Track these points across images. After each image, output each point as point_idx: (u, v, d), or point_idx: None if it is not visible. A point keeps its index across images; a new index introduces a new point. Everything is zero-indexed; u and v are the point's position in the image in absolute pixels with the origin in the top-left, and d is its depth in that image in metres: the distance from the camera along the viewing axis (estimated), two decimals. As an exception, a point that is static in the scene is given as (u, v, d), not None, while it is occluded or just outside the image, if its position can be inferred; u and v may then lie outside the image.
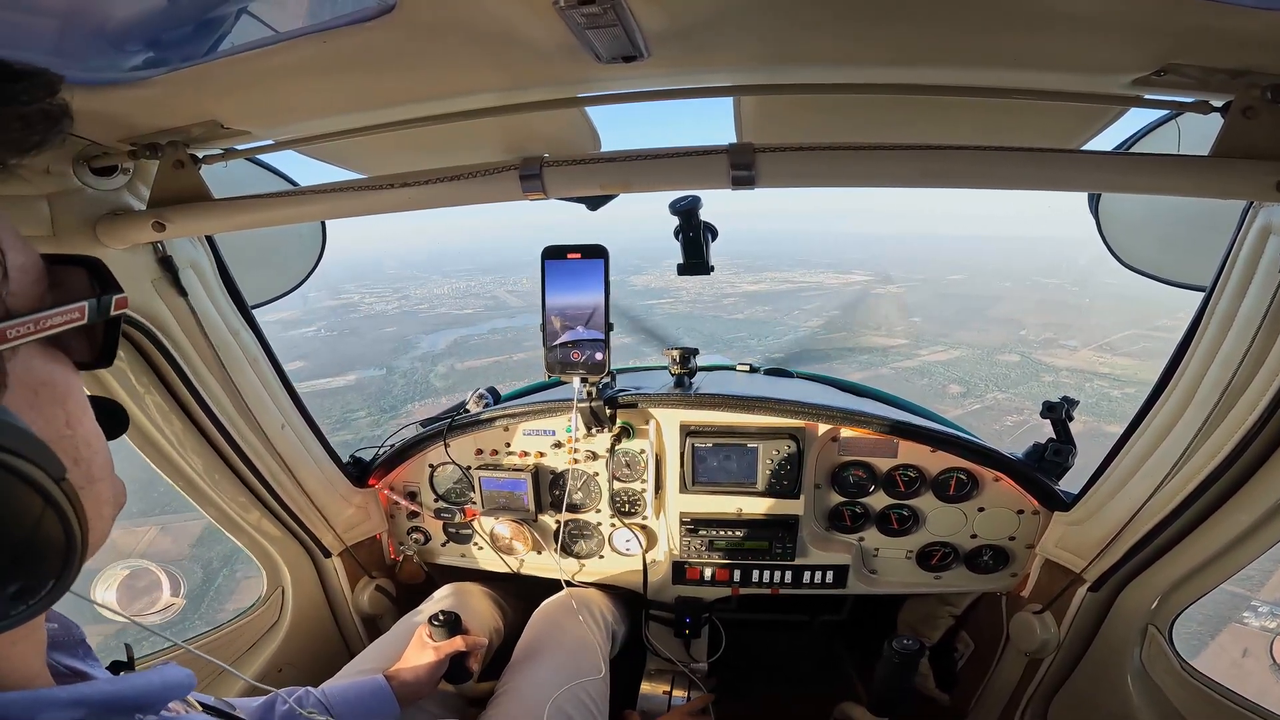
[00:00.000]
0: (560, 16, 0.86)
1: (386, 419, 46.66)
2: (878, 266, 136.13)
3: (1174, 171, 1.07)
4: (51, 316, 0.55)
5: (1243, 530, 1.52)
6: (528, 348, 67.15)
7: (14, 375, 0.51)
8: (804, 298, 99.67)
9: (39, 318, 0.53)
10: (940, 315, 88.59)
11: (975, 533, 2.16)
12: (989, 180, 1.13)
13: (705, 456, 2.16)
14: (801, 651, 3.11)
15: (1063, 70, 1.08)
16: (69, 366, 0.60)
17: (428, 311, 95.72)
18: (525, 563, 2.41)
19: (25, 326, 0.52)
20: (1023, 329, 76.78)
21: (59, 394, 0.57)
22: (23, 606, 0.49)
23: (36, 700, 0.52)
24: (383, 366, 62.60)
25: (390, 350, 68.86)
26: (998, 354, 63.39)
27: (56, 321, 0.55)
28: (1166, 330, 51.67)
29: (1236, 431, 1.40)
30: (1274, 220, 1.27)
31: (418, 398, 51.95)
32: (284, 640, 2.22)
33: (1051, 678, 2.08)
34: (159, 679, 0.64)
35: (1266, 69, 0.96)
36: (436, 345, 72.16)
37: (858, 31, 1.00)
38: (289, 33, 0.91)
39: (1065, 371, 55.36)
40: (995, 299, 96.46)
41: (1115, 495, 1.80)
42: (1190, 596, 1.71)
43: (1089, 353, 58.27)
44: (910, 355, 64.44)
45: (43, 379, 0.56)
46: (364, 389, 55.09)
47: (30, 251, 0.56)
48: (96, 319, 0.60)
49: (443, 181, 1.29)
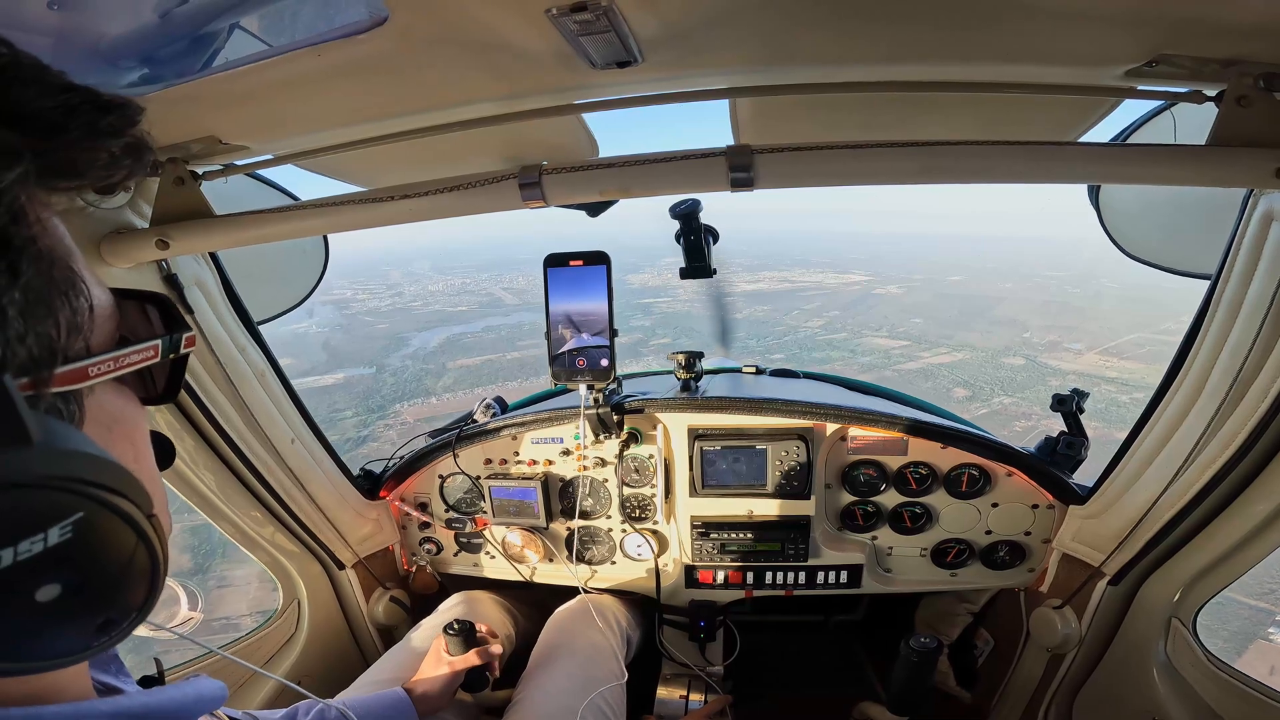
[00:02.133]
0: (553, 24, 0.86)
1: (374, 419, 46.12)
2: (876, 266, 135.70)
3: (1172, 161, 1.07)
4: (129, 354, 0.55)
5: (1262, 520, 1.50)
6: (522, 346, 66.21)
7: (90, 411, 0.52)
8: (803, 297, 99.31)
9: (118, 355, 0.54)
10: (942, 316, 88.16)
11: (990, 528, 2.14)
12: (987, 175, 1.12)
13: (714, 459, 2.15)
14: (818, 652, 3.09)
15: (1056, 63, 1.08)
16: (136, 402, 0.61)
17: (422, 308, 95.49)
18: (537, 571, 2.41)
19: (106, 364, 0.52)
20: (1026, 331, 76.25)
21: (128, 429, 0.58)
22: (105, 637, 0.49)
23: (78, 713, 0.53)
24: (373, 364, 62.09)
25: (381, 348, 68.54)
26: (1002, 357, 62.93)
27: (133, 360, 0.56)
28: (1172, 334, 51.61)
29: (1249, 420, 1.38)
30: (1275, 207, 1.26)
31: (407, 398, 51.54)
32: (302, 652, 2.23)
33: (1075, 673, 2.05)
34: (193, 691, 0.65)
35: (1257, 57, 0.96)
36: (429, 343, 71.68)
37: (851, 30, 1.00)
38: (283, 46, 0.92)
39: (1072, 375, 54.69)
40: (997, 300, 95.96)
41: (1131, 487, 1.78)
42: (1213, 588, 1.68)
43: (1095, 356, 57.91)
44: (913, 357, 64.10)
45: (115, 414, 0.56)
46: (352, 388, 54.63)
47: (105, 289, 0.56)
48: (167, 356, 0.61)
49: (442, 192, 1.30)
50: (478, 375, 60.12)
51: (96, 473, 0.45)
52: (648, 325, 77.13)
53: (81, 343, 0.51)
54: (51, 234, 0.49)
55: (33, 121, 0.47)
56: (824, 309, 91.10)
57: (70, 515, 0.43)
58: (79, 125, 0.49)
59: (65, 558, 0.43)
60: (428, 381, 57.01)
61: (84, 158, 0.51)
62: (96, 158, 0.51)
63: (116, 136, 0.52)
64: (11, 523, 0.40)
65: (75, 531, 0.43)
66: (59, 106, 0.48)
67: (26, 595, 0.41)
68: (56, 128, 0.48)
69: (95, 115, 0.50)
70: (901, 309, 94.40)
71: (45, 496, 0.42)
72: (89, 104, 0.50)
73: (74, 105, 0.49)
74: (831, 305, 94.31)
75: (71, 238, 0.52)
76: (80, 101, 0.49)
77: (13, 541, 0.40)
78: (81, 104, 0.49)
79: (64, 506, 0.43)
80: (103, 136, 0.51)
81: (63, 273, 0.49)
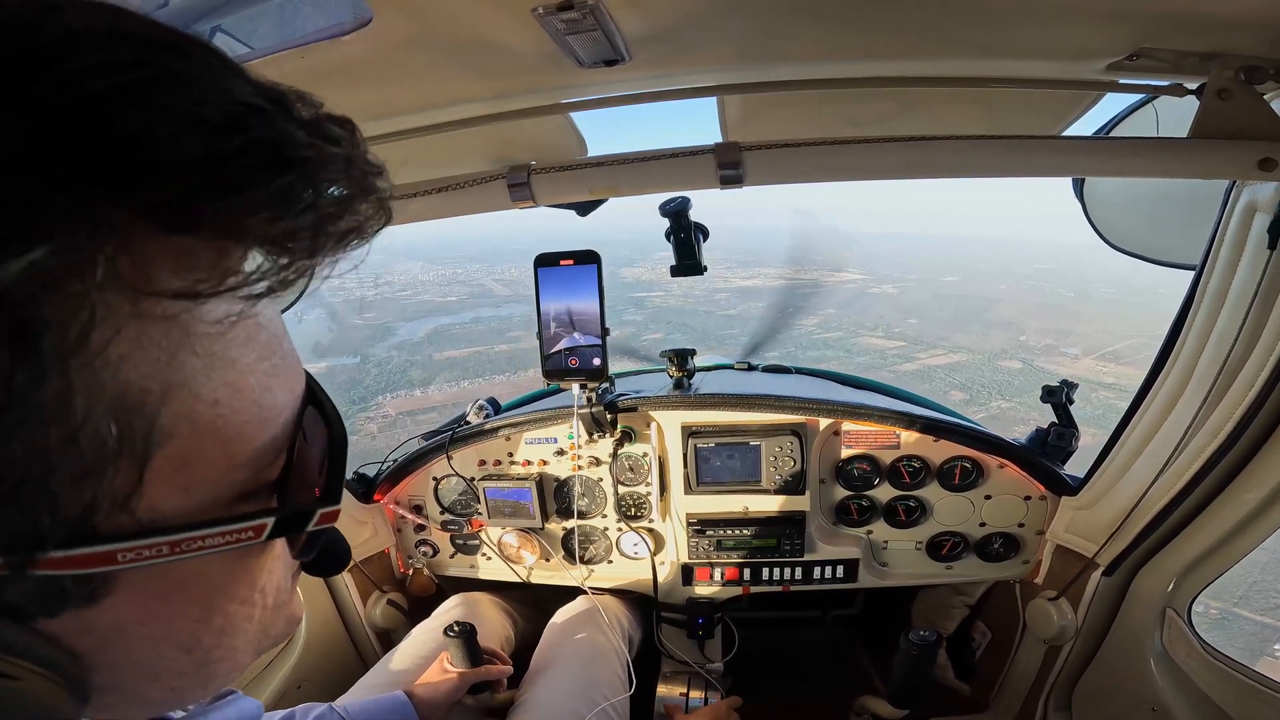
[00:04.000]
0: (539, 23, 0.86)
1: (355, 411, 45.26)
2: (871, 265, 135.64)
3: (1155, 153, 1.08)
4: (211, 535, 0.38)
5: (1252, 509, 1.51)
6: (511, 339, 65.10)
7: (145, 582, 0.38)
8: (799, 295, 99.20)
9: (208, 534, 0.37)
10: (937, 317, 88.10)
11: (984, 521, 2.15)
12: (973, 169, 1.13)
13: (708, 457, 2.15)
14: (816, 647, 3.09)
15: (1039, 58, 1.09)
16: (277, 567, 0.47)
17: (410, 298, 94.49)
18: (534, 571, 2.41)
19: (160, 548, 0.36)
20: (1022, 334, 76.23)
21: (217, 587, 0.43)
22: None
23: None
24: (357, 354, 61.06)
25: (367, 337, 67.53)
26: (999, 360, 62.79)
27: (213, 543, 0.38)
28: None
29: (1236, 409, 1.40)
30: (1258, 197, 1.27)
31: (389, 389, 50.69)
32: (300, 657, 2.22)
33: (1072, 664, 2.07)
34: (235, 713, 0.63)
35: (1237, 51, 0.97)
36: (415, 333, 70.58)
37: (836, 27, 1.01)
38: (265, 49, 0.92)
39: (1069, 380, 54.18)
40: (992, 301, 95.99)
41: (1121, 478, 1.79)
42: (1206, 578, 1.69)
43: (1091, 361, 58.06)
44: (910, 358, 64.01)
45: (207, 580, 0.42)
46: (334, 378, 53.53)
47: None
48: (293, 534, 0.45)
49: (429, 194, 1.30)
50: (464, 368, 59.47)
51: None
52: (639, 320, 76.82)
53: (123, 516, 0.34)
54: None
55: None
56: (819, 307, 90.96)
57: None
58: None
59: None
60: (412, 373, 56.18)
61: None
62: (351, 215, 0.38)
63: (381, 193, 0.41)
64: None
65: None
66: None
67: None
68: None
69: (366, 174, 0.38)
70: (897, 309, 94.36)
71: None
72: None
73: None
74: (826, 303, 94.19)
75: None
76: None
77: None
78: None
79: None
80: (370, 195, 0.40)
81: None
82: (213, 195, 0.31)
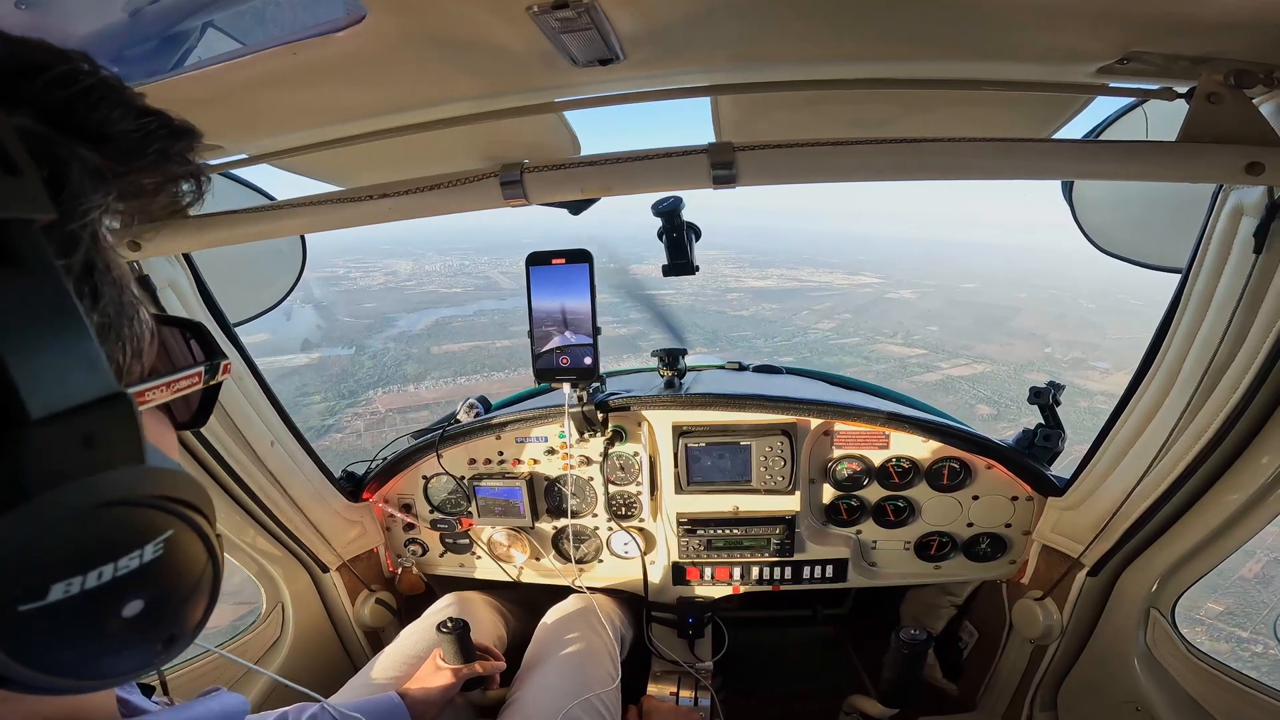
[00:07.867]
0: (534, 21, 0.86)
1: (344, 406, 43.97)
2: (888, 269, 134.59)
3: (1144, 157, 1.09)
4: (178, 380, 0.55)
5: (1235, 510, 1.53)
6: (513, 334, 62.95)
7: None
8: (813, 298, 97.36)
9: (169, 381, 0.54)
10: (958, 326, 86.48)
11: (971, 521, 2.17)
12: (963, 171, 1.14)
13: (699, 456, 2.15)
14: (806, 646, 3.11)
15: (1030, 61, 1.09)
16: (170, 426, 0.62)
17: (415, 289, 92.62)
18: (525, 570, 2.41)
19: (160, 389, 0.53)
20: (1047, 346, 74.26)
21: (164, 454, 0.57)
22: (168, 653, 0.48)
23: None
24: (352, 345, 59.62)
25: (365, 328, 66.19)
26: (1025, 372, 60.34)
27: (181, 385, 0.56)
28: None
29: (1220, 412, 1.42)
30: (1244, 201, 1.29)
31: (382, 384, 49.59)
32: (287, 657, 2.20)
33: (1058, 663, 2.09)
34: (219, 707, 0.64)
35: (1226, 55, 0.98)
36: (415, 325, 69.18)
37: (830, 28, 1.01)
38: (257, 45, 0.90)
39: (1100, 396, 50.26)
40: (1013, 310, 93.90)
41: (1106, 479, 1.81)
42: (1189, 579, 1.72)
43: (1123, 377, 57.42)
44: (931, 367, 62.23)
45: (157, 438, 0.56)
46: (326, 369, 52.58)
47: (149, 314, 0.56)
48: (209, 383, 0.61)
49: (422, 191, 1.29)
50: (462, 363, 58.46)
51: (187, 492, 0.45)
52: (647, 317, 76.08)
53: (139, 367, 0.52)
54: (118, 257, 0.49)
55: (114, 144, 0.46)
56: (835, 310, 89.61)
57: (164, 533, 0.43)
58: (154, 150, 0.49)
59: (153, 574, 0.43)
60: (408, 367, 55.06)
61: (153, 183, 0.51)
62: (165, 184, 0.52)
63: (184, 163, 0.53)
64: (117, 538, 0.40)
65: (165, 549, 0.43)
66: (137, 130, 0.48)
67: (115, 611, 0.41)
68: (134, 152, 0.48)
69: (169, 141, 0.50)
70: (916, 315, 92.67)
71: (147, 514, 0.42)
72: (164, 129, 0.50)
73: (151, 129, 0.49)
74: (843, 307, 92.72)
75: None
76: (156, 126, 0.49)
77: (114, 557, 0.40)
78: (157, 128, 0.49)
79: (159, 524, 0.43)
80: (173, 162, 0.51)
81: (128, 296, 0.49)
82: (148, 152, 0.49)
